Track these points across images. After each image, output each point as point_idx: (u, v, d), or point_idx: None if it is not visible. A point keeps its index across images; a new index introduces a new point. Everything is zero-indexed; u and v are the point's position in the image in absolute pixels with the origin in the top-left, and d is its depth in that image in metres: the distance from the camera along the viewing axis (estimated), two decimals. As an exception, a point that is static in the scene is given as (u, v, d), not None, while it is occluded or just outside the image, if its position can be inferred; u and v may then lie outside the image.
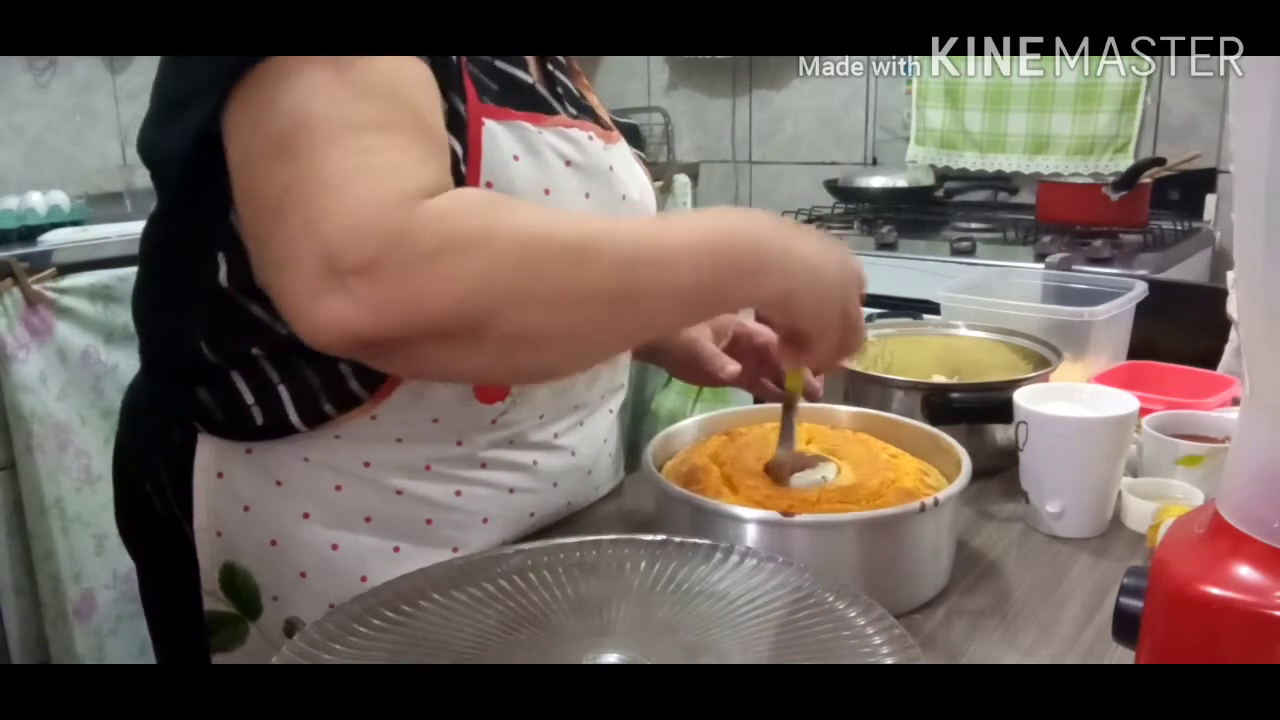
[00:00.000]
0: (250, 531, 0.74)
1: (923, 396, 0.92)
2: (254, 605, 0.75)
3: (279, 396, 0.71)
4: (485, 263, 0.54)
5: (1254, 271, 0.43)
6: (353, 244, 0.53)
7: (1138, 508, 0.82)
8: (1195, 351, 1.12)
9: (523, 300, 0.55)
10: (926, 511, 0.68)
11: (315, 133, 0.56)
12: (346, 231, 0.54)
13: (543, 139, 0.72)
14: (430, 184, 0.57)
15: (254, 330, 0.71)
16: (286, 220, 0.56)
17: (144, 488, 0.77)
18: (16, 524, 1.64)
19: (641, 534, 0.63)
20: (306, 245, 0.54)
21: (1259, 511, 0.44)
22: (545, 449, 0.81)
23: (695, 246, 0.59)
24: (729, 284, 0.61)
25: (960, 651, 0.66)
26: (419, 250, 0.54)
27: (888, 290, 2.03)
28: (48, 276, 1.61)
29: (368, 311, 0.53)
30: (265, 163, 0.58)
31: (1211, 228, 2.22)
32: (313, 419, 0.72)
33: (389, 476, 0.74)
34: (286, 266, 0.56)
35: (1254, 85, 0.41)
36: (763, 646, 0.52)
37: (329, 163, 0.56)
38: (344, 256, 0.53)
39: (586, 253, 0.56)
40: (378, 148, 0.57)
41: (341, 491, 0.74)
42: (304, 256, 0.54)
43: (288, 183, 0.56)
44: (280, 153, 0.57)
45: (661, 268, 0.58)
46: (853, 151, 2.71)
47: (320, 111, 0.57)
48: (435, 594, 0.57)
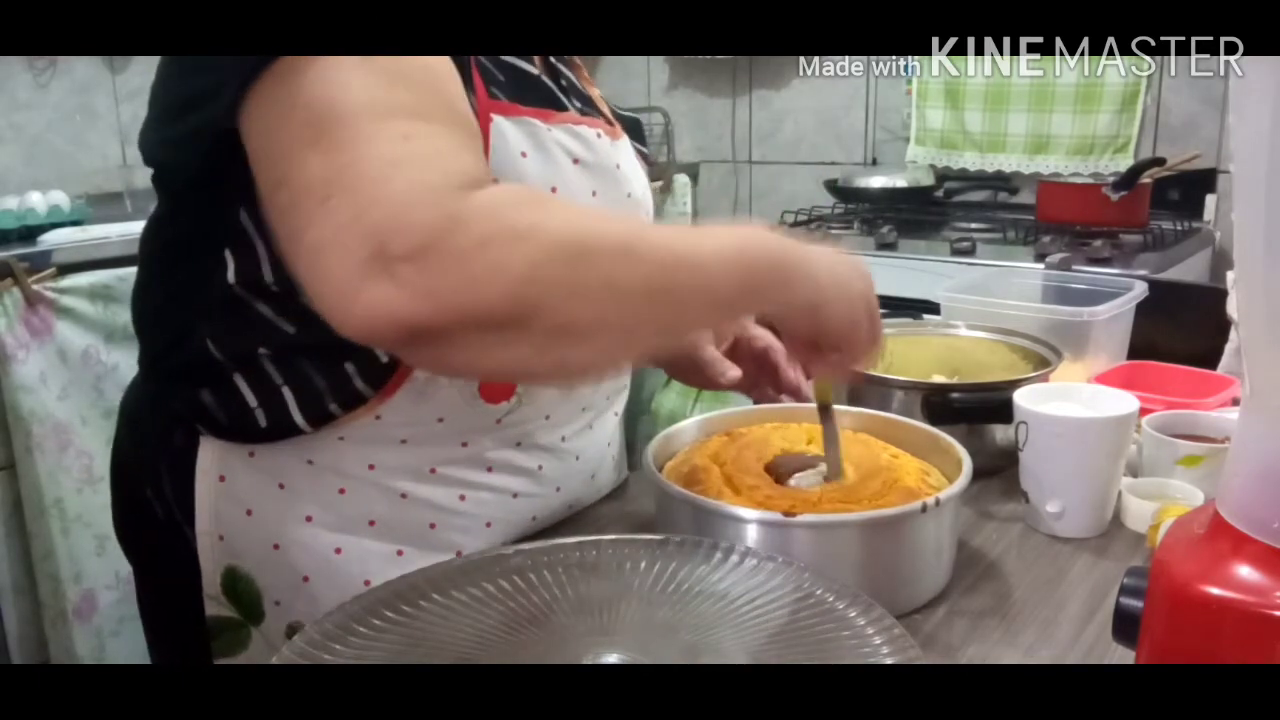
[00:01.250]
0: (253, 535, 0.73)
1: (923, 396, 0.92)
2: (256, 610, 0.75)
3: (283, 398, 0.71)
4: (536, 253, 0.54)
5: (1254, 271, 0.43)
6: (403, 230, 0.53)
7: (1138, 508, 0.82)
8: (1195, 351, 1.12)
9: (569, 292, 0.55)
10: (927, 511, 0.68)
11: (355, 121, 0.56)
12: (396, 218, 0.53)
13: (551, 136, 0.72)
14: (472, 171, 0.57)
15: (260, 330, 0.71)
16: (330, 208, 0.55)
17: (144, 492, 0.77)
18: (16, 524, 1.64)
19: (642, 534, 0.63)
20: (354, 231, 0.53)
21: (1259, 511, 0.44)
22: (552, 453, 0.80)
23: (729, 252, 0.60)
24: (763, 288, 0.62)
25: (960, 651, 0.66)
26: (470, 239, 0.53)
27: (888, 290, 2.01)
28: (48, 276, 1.61)
29: (417, 298, 0.52)
30: (303, 150, 0.57)
31: (1211, 228, 2.22)
32: (317, 419, 0.71)
33: (394, 479, 0.74)
34: (332, 253, 0.55)
35: (1254, 85, 0.41)
36: (763, 646, 0.52)
37: (372, 149, 0.55)
38: (394, 242, 0.52)
39: (632, 250, 0.57)
40: (418, 135, 0.56)
41: (345, 495, 0.73)
42: (351, 242, 0.53)
43: (329, 171, 0.55)
44: (319, 140, 0.56)
45: (700, 270, 0.59)
46: (853, 151, 2.71)
47: (356, 99, 0.56)
48: (435, 594, 0.57)
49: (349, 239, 0.54)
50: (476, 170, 0.58)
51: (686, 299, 0.59)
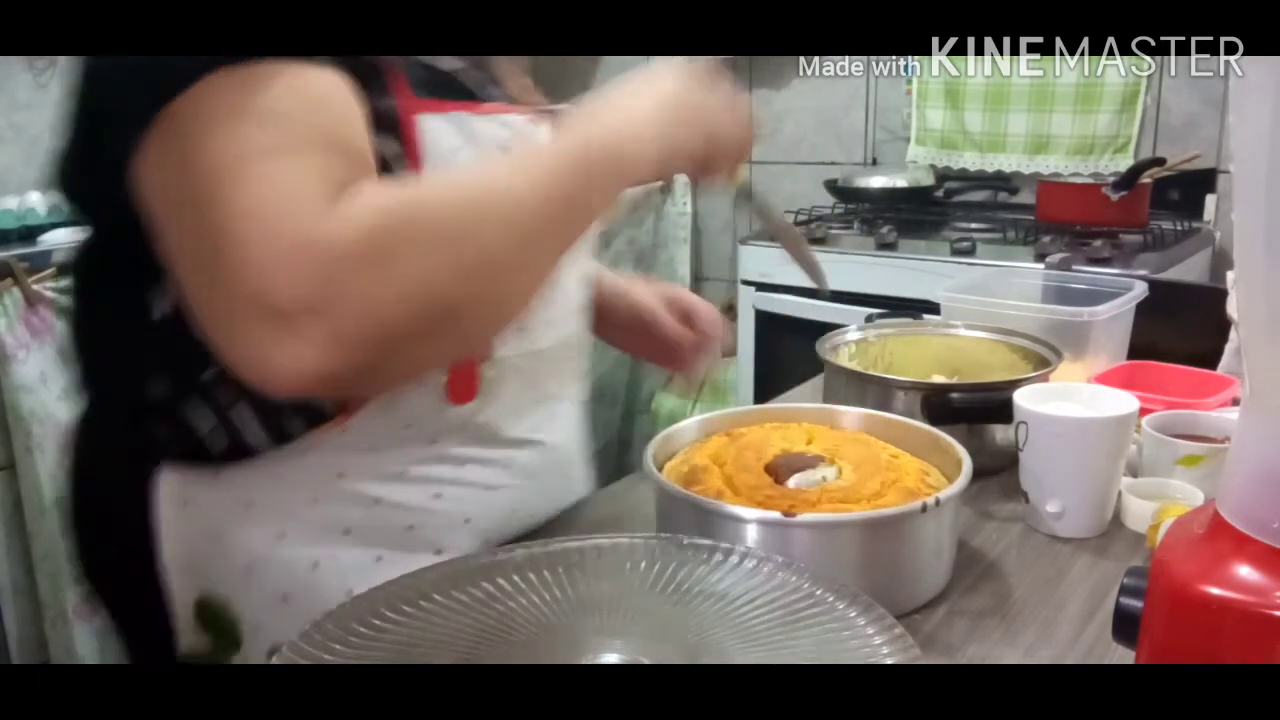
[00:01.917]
0: (224, 560, 0.71)
1: (923, 396, 0.92)
2: (232, 637, 0.72)
3: (241, 419, 0.69)
4: (421, 257, 0.54)
5: (1254, 271, 0.43)
6: (284, 283, 0.51)
7: (1138, 508, 0.82)
8: (1195, 351, 1.11)
9: (461, 276, 0.56)
10: (927, 511, 0.68)
11: (219, 177, 0.54)
12: (275, 275, 0.52)
13: (480, 126, 0.71)
14: (335, 189, 0.55)
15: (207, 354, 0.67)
16: (211, 279, 0.54)
17: (104, 529, 0.74)
18: (16, 524, 1.65)
19: (641, 534, 0.63)
20: (241, 298, 0.52)
21: (1259, 511, 0.44)
22: (519, 444, 0.80)
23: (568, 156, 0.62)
24: (605, 183, 0.63)
25: (960, 651, 0.66)
26: (351, 271, 0.52)
27: (888, 290, 2.03)
28: (48, 276, 1.61)
29: (327, 347, 0.52)
30: (182, 219, 0.56)
31: (1211, 228, 2.21)
32: (280, 438, 0.69)
33: (365, 485, 0.72)
34: (229, 324, 0.54)
35: (1254, 85, 0.41)
36: (763, 646, 0.52)
37: (234, 206, 0.53)
38: (281, 299, 0.51)
39: (486, 210, 0.57)
40: (276, 176, 0.54)
41: (317, 505, 0.71)
42: (240, 310, 0.53)
43: (198, 240, 0.55)
44: (195, 206, 0.55)
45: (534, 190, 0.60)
46: (853, 151, 2.71)
47: (223, 151, 0.54)
48: (435, 594, 0.57)
49: (238, 307, 0.53)
50: (343, 181, 0.56)
51: (549, 228, 0.60)
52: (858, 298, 2.03)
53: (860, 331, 1.12)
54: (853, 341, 1.10)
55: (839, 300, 2.05)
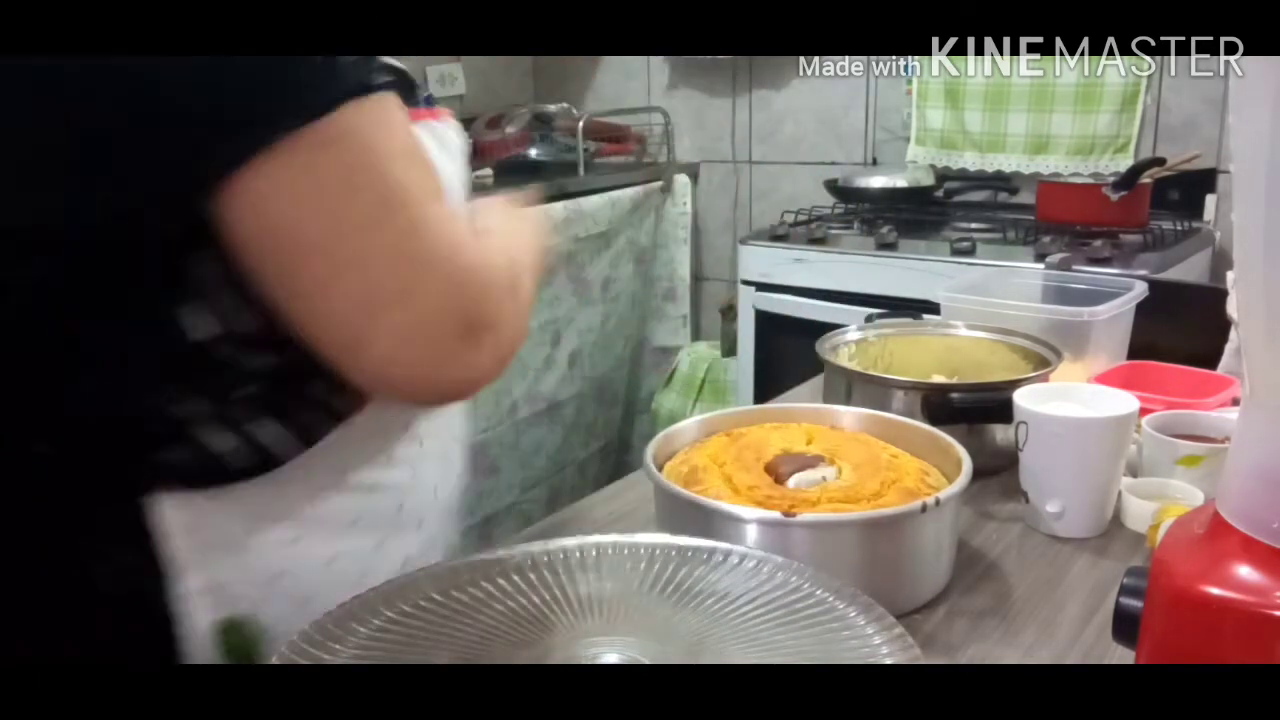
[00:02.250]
0: (246, 574, 0.68)
1: (923, 396, 0.92)
2: (253, 653, 0.68)
3: (266, 433, 0.66)
4: (528, 287, 0.67)
5: (1254, 271, 0.43)
6: (482, 306, 0.61)
7: (1138, 508, 0.82)
8: (1195, 351, 1.11)
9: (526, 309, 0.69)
10: (927, 511, 0.68)
11: (420, 205, 0.60)
12: (480, 298, 0.61)
13: (443, 133, 0.74)
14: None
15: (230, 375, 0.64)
16: (418, 290, 0.59)
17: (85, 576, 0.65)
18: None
19: (641, 534, 0.63)
20: (447, 310, 0.60)
21: (1259, 511, 0.44)
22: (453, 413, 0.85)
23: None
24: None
25: (960, 651, 0.66)
26: (514, 300, 0.65)
27: (888, 290, 2.03)
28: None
29: (495, 361, 0.62)
30: (366, 232, 0.58)
31: (1211, 228, 2.21)
32: (308, 442, 0.68)
33: (366, 474, 0.73)
34: (426, 331, 0.60)
35: (1254, 85, 0.41)
36: (763, 647, 0.52)
37: (423, 228, 0.59)
38: (478, 318, 0.61)
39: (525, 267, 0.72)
40: (447, 215, 0.62)
41: (326, 503, 0.71)
42: (447, 322, 0.60)
43: (405, 254, 0.59)
44: (383, 222, 0.58)
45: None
46: (853, 151, 2.71)
47: (401, 179, 0.59)
48: (435, 594, 0.57)
49: (444, 318, 0.60)
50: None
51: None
52: (858, 298, 2.03)
53: (860, 331, 1.12)
54: (852, 341, 1.11)
55: (839, 300, 2.05)
